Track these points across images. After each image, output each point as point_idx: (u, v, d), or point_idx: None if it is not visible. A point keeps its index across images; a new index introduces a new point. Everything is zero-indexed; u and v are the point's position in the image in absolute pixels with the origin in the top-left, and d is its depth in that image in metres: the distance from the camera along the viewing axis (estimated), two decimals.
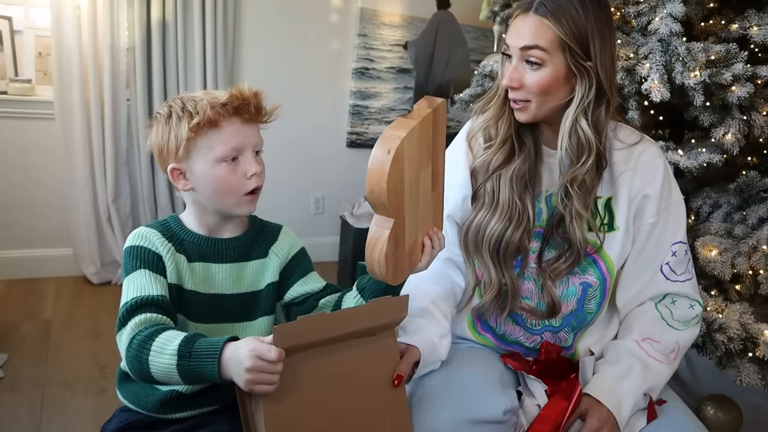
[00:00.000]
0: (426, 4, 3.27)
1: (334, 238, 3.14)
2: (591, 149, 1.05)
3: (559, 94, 1.06)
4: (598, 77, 1.03)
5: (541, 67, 1.03)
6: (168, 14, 2.63)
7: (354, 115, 3.25)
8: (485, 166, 1.14)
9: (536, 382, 1.10)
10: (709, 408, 1.71)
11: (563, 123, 1.06)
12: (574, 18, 1.01)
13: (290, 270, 1.09)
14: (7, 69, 2.64)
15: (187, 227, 1.03)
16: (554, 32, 1.01)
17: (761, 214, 1.58)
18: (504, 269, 1.12)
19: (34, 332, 2.25)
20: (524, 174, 1.11)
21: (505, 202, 1.10)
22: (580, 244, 1.08)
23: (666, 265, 1.13)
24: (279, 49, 3.01)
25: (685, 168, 1.58)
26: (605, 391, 1.04)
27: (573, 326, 1.15)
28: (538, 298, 1.14)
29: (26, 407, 1.79)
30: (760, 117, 1.52)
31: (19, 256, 2.73)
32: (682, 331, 1.13)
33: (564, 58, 1.02)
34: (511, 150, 1.12)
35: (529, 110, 1.07)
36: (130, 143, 2.75)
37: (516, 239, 1.10)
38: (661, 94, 1.50)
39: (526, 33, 1.03)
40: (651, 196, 1.11)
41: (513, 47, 1.05)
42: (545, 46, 1.02)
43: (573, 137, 1.06)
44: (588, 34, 1.02)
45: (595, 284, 1.13)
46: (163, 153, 0.98)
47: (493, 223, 1.11)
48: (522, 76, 1.05)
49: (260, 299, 1.06)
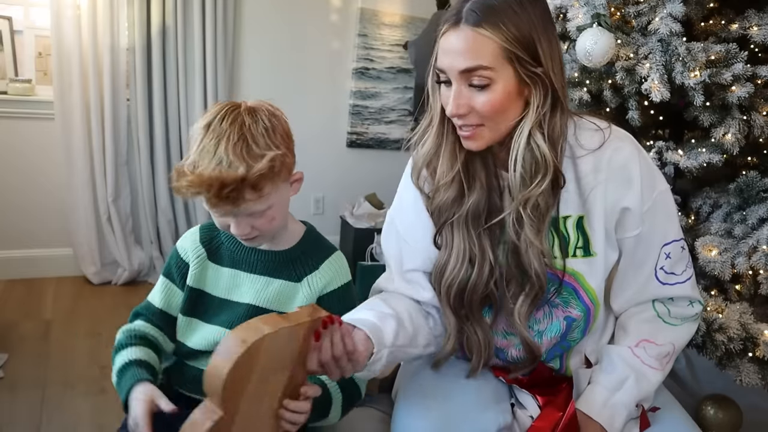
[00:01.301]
0: (426, 4, 3.27)
1: (334, 238, 3.14)
2: (548, 167, 0.92)
3: (513, 112, 0.93)
4: (551, 82, 0.91)
5: (489, 86, 0.89)
6: (168, 14, 2.63)
7: (354, 115, 3.25)
8: (438, 210, 1.02)
9: (527, 394, 1.07)
10: (709, 408, 1.71)
11: (516, 141, 0.93)
12: (513, 19, 0.87)
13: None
14: (7, 69, 2.64)
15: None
16: (495, 42, 0.87)
17: (761, 214, 1.58)
18: (473, 320, 1.01)
19: (34, 332, 2.25)
20: (479, 213, 0.98)
21: (460, 249, 0.99)
22: (537, 276, 0.96)
23: (661, 270, 1.04)
24: (279, 49, 3.01)
25: (685, 168, 1.57)
26: (597, 406, 1.00)
27: (558, 354, 1.10)
28: (516, 349, 1.06)
29: (26, 407, 1.79)
30: (760, 117, 1.51)
31: (19, 256, 2.73)
32: (679, 326, 1.07)
33: (512, 69, 0.89)
34: (459, 188, 0.99)
35: (482, 137, 0.94)
36: (130, 143, 2.75)
37: (481, 286, 0.98)
38: (661, 94, 1.50)
39: (462, 52, 0.88)
40: (631, 208, 0.98)
41: (450, 71, 0.90)
42: (489, 64, 0.87)
43: (527, 155, 0.92)
44: (533, 34, 0.89)
45: (579, 317, 1.04)
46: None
47: (449, 270, 1.00)
48: (469, 100, 0.90)
49: None
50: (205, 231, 1.10)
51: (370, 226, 2.85)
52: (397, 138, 3.39)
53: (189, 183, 0.90)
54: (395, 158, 3.42)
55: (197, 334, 1.06)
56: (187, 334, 1.07)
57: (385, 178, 3.31)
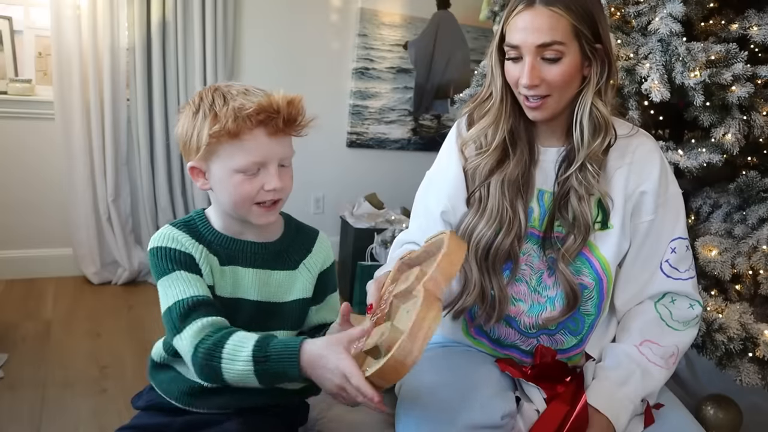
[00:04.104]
0: (426, 4, 3.27)
1: (334, 238, 3.14)
2: (608, 127, 1.05)
3: (575, 84, 1.05)
4: (609, 57, 1.03)
5: (560, 60, 1.00)
6: (168, 14, 2.63)
7: (354, 115, 3.25)
8: (476, 171, 1.12)
9: (534, 387, 1.09)
10: (709, 408, 1.71)
11: (579, 110, 1.05)
12: (580, 0, 0.99)
13: (316, 287, 1.05)
14: (7, 69, 2.64)
15: (213, 227, 0.99)
16: (568, 20, 0.98)
17: (761, 214, 1.58)
18: (492, 276, 1.09)
19: (34, 332, 2.25)
20: (517, 178, 1.09)
21: (495, 209, 1.08)
22: (589, 221, 1.06)
23: (666, 262, 1.11)
24: (279, 49, 3.01)
25: (685, 168, 1.57)
26: (604, 399, 1.03)
27: (570, 329, 1.13)
28: (532, 300, 1.12)
29: (26, 407, 1.79)
30: (760, 117, 1.52)
31: (19, 256, 2.73)
32: (682, 332, 1.11)
33: (578, 45, 1.01)
34: (503, 154, 1.10)
35: (548, 106, 1.05)
36: (130, 143, 2.75)
37: (506, 245, 1.08)
38: (661, 94, 1.49)
39: (539, 29, 0.99)
40: (648, 192, 1.08)
41: (526, 46, 1.01)
42: (563, 39, 0.99)
43: (589, 120, 1.05)
44: (594, 14, 1.01)
45: (591, 285, 1.10)
46: (185, 148, 0.94)
47: (480, 228, 1.09)
48: (540, 73, 1.01)
49: (283, 312, 1.02)
50: (185, 229, 0.97)
51: (370, 226, 2.85)
52: (397, 138, 3.40)
53: (259, 106, 0.88)
54: (395, 158, 3.42)
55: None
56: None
57: (385, 178, 3.33)
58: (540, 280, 1.12)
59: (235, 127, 0.88)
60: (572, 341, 1.13)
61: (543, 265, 1.12)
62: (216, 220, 1.00)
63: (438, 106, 3.46)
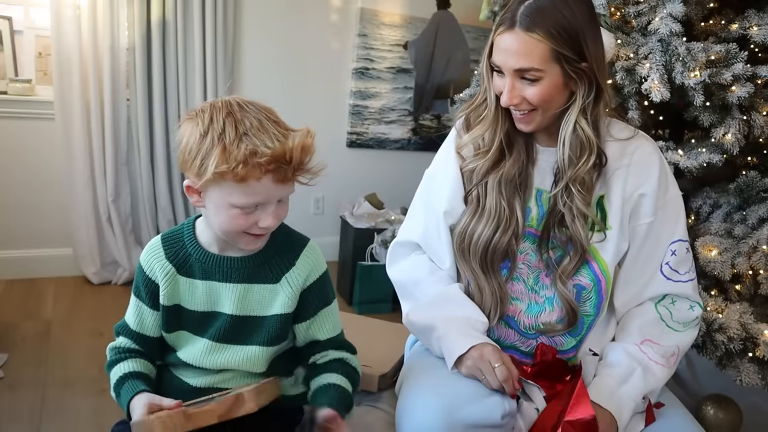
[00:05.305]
0: (426, 4, 3.27)
1: (334, 238, 3.14)
2: (592, 148, 1.05)
3: (559, 101, 1.06)
4: (594, 76, 1.03)
5: (539, 81, 1.01)
6: (168, 14, 2.63)
7: (354, 115, 3.25)
8: (473, 172, 1.13)
9: (534, 386, 1.09)
10: (709, 408, 1.71)
11: (563, 127, 1.06)
12: (562, 22, 0.98)
13: (302, 303, 1.01)
14: (7, 69, 2.64)
15: (198, 240, 1.00)
16: (547, 46, 0.98)
17: (761, 214, 1.58)
18: (491, 274, 1.11)
19: (34, 332, 2.25)
20: (514, 177, 1.10)
21: (492, 208, 1.10)
22: (584, 242, 1.07)
23: (666, 265, 1.11)
24: (279, 49, 3.01)
25: (685, 168, 1.57)
26: (606, 395, 1.03)
27: (569, 330, 1.12)
28: (529, 300, 1.12)
29: (26, 407, 1.79)
30: (760, 117, 1.52)
31: (19, 256, 2.73)
32: (682, 332, 1.11)
33: (560, 67, 1.01)
34: (500, 155, 1.12)
35: (534, 120, 1.07)
36: (130, 143, 2.75)
37: (504, 243, 1.09)
38: (661, 94, 1.50)
39: (517, 54, 1.00)
40: (647, 194, 1.09)
41: (506, 68, 1.03)
42: (540, 66, 1.00)
43: (574, 139, 1.05)
44: (579, 35, 1.00)
45: (589, 286, 1.10)
46: (185, 165, 0.90)
47: (479, 229, 1.11)
48: (520, 92, 1.04)
49: (262, 327, 1.00)
50: (169, 243, 1.01)
51: (370, 226, 2.85)
52: (398, 138, 3.40)
53: (272, 157, 0.84)
54: (395, 158, 3.42)
55: (187, 346, 1.02)
56: (179, 344, 1.03)
57: (385, 178, 3.33)
58: (537, 279, 1.13)
59: (244, 173, 0.85)
60: (571, 342, 1.14)
61: (541, 265, 1.12)
62: (202, 233, 1.00)
63: (438, 106, 3.46)
